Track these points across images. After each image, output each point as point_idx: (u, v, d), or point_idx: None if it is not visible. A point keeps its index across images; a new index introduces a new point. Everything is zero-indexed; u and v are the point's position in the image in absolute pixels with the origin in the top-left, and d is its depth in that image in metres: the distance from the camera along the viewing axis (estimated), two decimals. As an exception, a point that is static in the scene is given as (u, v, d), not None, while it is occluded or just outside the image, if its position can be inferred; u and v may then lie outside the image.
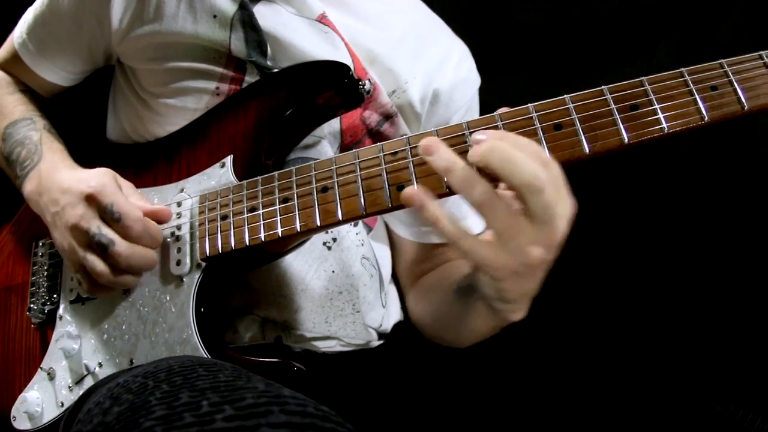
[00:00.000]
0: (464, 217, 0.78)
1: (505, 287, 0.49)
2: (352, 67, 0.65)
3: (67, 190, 0.61)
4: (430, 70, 0.76)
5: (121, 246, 0.58)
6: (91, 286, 0.62)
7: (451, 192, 0.51)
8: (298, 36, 0.70)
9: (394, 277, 0.86)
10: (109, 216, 0.59)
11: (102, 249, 0.58)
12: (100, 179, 0.61)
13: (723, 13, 1.03)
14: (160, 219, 0.62)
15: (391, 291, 0.84)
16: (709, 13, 1.03)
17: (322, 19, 0.72)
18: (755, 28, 1.01)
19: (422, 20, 0.81)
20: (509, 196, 0.46)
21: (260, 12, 0.69)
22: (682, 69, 0.51)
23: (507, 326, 0.70)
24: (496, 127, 0.52)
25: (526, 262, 0.46)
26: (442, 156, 0.48)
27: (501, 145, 0.46)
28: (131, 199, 0.62)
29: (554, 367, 0.72)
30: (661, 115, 0.50)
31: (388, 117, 0.74)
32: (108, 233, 0.59)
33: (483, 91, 0.84)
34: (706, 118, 0.50)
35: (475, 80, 0.82)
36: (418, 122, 0.77)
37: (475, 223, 0.78)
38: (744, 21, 1.02)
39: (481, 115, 0.83)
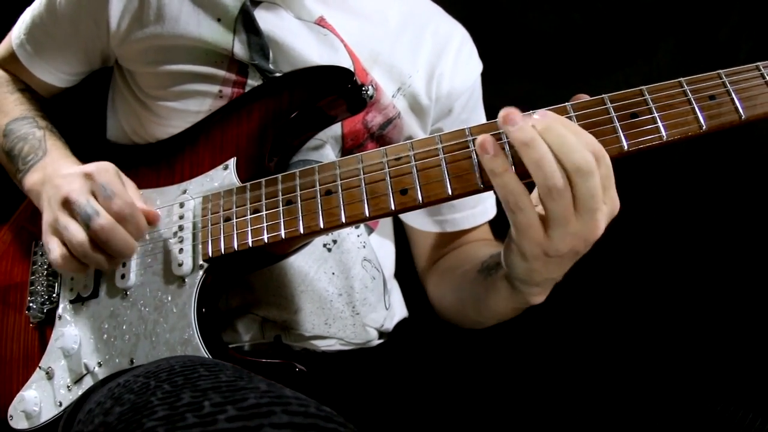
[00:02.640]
0: (483, 200, 0.81)
1: (535, 268, 0.52)
2: (352, 70, 0.66)
3: (67, 175, 0.62)
4: (431, 59, 0.77)
5: (104, 219, 0.58)
6: (61, 258, 0.60)
7: (483, 189, 0.52)
8: (299, 40, 0.70)
9: (399, 274, 0.87)
10: (101, 193, 0.59)
11: (86, 218, 0.58)
12: (102, 164, 0.62)
13: (723, 13, 1.03)
14: (149, 218, 0.63)
15: (395, 291, 0.84)
16: (709, 13, 1.04)
17: (321, 22, 0.72)
18: (755, 28, 1.02)
19: (419, 9, 0.81)
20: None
21: (261, 15, 0.69)
22: (681, 79, 0.52)
23: (507, 324, 0.72)
24: (498, 133, 0.53)
25: (562, 250, 0.49)
26: (525, 129, 0.48)
27: (558, 127, 0.48)
28: (129, 191, 0.62)
29: (554, 367, 0.73)
30: (660, 124, 0.51)
31: (390, 120, 0.75)
32: (95, 205, 0.59)
33: (484, 93, 0.85)
34: (704, 127, 0.51)
35: (476, 65, 0.82)
36: (427, 116, 0.77)
37: (488, 208, 0.81)
38: (744, 21, 1.02)
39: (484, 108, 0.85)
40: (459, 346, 0.79)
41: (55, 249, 0.60)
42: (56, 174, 0.64)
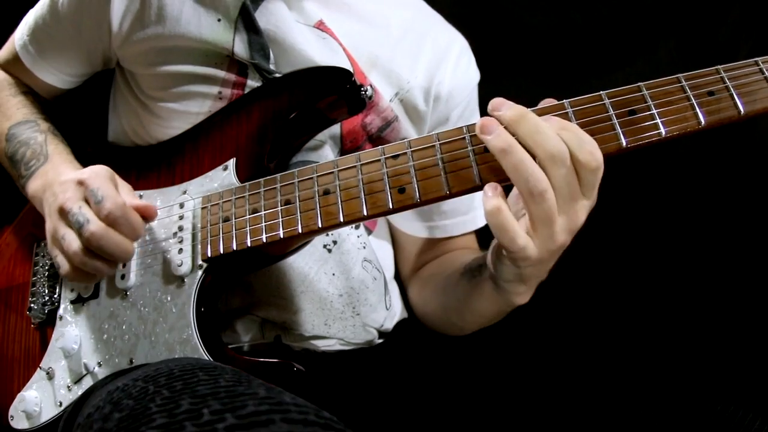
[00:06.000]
0: (474, 208, 0.80)
1: (526, 273, 0.52)
2: (351, 71, 0.66)
3: (64, 182, 0.62)
4: (430, 67, 0.77)
5: (94, 225, 0.57)
6: (67, 269, 0.61)
7: (481, 187, 0.52)
8: (299, 39, 0.70)
9: (396, 275, 0.86)
10: (92, 198, 0.59)
11: (78, 226, 0.58)
12: (95, 168, 0.62)
13: (723, 13, 1.03)
14: (145, 214, 0.62)
15: (394, 291, 0.84)
16: (709, 13, 1.04)
17: (320, 26, 0.72)
18: (755, 28, 1.02)
19: (421, 16, 0.82)
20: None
21: (262, 14, 0.69)
22: (679, 75, 0.52)
23: (507, 324, 0.72)
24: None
25: (553, 248, 0.49)
26: (501, 136, 0.48)
27: (532, 116, 0.48)
28: (122, 192, 0.62)
29: (554, 367, 0.73)
30: (658, 120, 0.51)
31: (389, 123, 0.75)
32: (86, 212, 0.58)
33: (484, 92, 0.85)
34: (703, 123, 0.51)
35: (474, 75, 0.83)
36: (423, 122, 0.78)
37: (479, 216, 0.81)
38: (744, 21, 1.02)
39: (480, 113, 0.85)
40: (458, 346, 0.79)
41: (63, 263, 0.61)
42: (55, 181, 0.64)
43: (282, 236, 0.58)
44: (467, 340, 0.80)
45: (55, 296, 0.70)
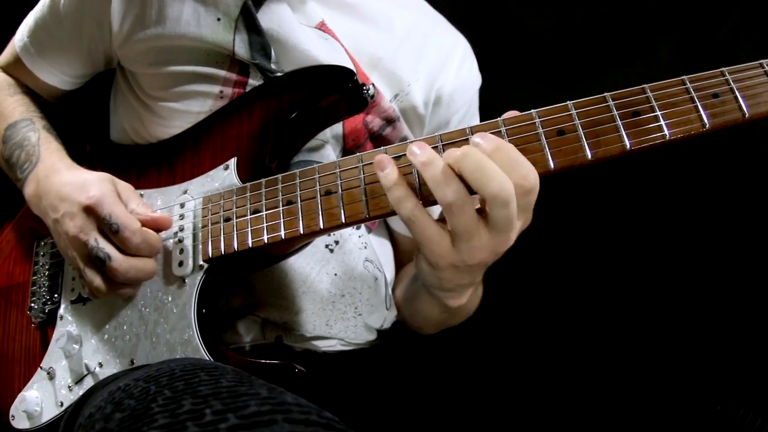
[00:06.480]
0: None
1: (444, 277, 0.54)
2: (353, 69, 0.66)
3: (65, 198, 0.61)
4: (432, 71, 0.77)
5: (117, 261, 0.59)
6: (92, 293, 0.63)
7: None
8: (303, 39, 0.70)
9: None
10: (107, 227, 0.59)
11: (100, 263, 0.59)
12: (99, 188, 0.61)
13: (723, 13, 1.04)
14: (159, 227, 0.62)
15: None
16: (709, 13, 1.04)
17: (322, 27, 0.72)
18: (755, 28, 1.02)
19: (424, 18, 0.82)
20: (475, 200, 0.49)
21: (265, 15, 0.69)
22: (684, 77, 0.52)
23: (507, 324, 0.72)
24: (498, 132, 0.53)
25: (469, 262, 0.50)
26: (425, 152, 0.50)
27: (475, 153, 0.47)
28: (131, 205, 0.62)
29: (554, 367, 0.73)
30: (662, 122, 0.50)
31: (390, 122, 0.75)
32: (105, 247, 0.59)
33: (485, 93, 0.85)
34: (707, 126, 0.50)
35: (476, 80, 0.83)
36: (422, 125, 0.78)
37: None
38: (744, 21, 1.03)
39: (480, 114, 0.85)
40: (458, 346, 0.79)
41: (88, 289, 0.63)
42: (51, 189, 0.64)
43: (283, 237, 0.58)
44: (467, 341, 0.80)
45: (56, 296, 0.70)
